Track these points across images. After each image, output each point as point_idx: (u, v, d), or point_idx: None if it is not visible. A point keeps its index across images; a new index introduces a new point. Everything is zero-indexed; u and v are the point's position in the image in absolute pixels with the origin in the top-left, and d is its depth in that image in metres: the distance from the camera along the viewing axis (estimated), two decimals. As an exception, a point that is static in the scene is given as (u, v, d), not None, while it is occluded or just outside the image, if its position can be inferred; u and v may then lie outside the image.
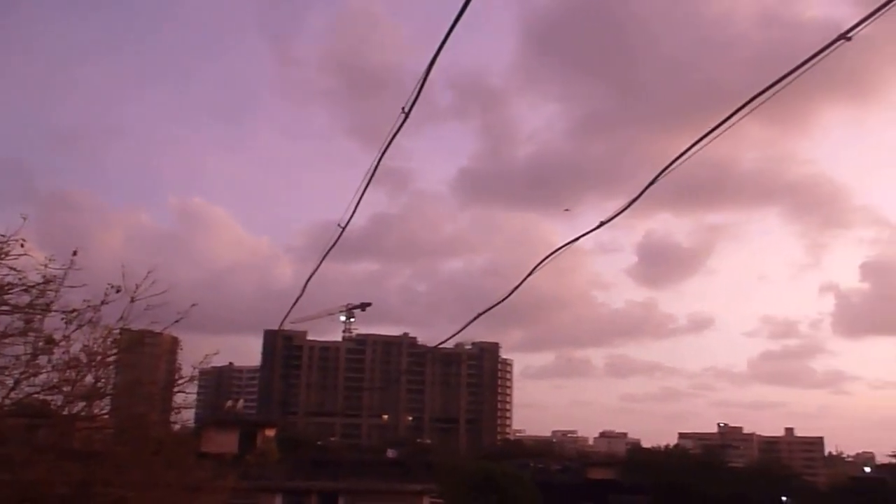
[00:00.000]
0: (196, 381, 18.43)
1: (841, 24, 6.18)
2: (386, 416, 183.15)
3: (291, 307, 14.50)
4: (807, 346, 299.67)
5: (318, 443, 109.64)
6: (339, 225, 9.94)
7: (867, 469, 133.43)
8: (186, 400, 17.01)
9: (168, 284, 13.12)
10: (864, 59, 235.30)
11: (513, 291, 10.62)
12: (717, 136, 7.36)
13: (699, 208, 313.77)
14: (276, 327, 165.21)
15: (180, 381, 16.58)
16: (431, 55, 6.65)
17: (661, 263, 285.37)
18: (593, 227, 9.76)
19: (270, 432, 51.05)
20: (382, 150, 7.81)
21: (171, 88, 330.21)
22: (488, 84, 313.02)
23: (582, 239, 10.14)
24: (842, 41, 6.31)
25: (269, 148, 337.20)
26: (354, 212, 9.45)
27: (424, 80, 6.68)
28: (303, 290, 13.09)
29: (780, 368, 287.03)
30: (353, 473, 45.14)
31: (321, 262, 11.64)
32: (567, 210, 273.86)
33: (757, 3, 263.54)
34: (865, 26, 6.21)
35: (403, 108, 7.02)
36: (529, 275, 9.96)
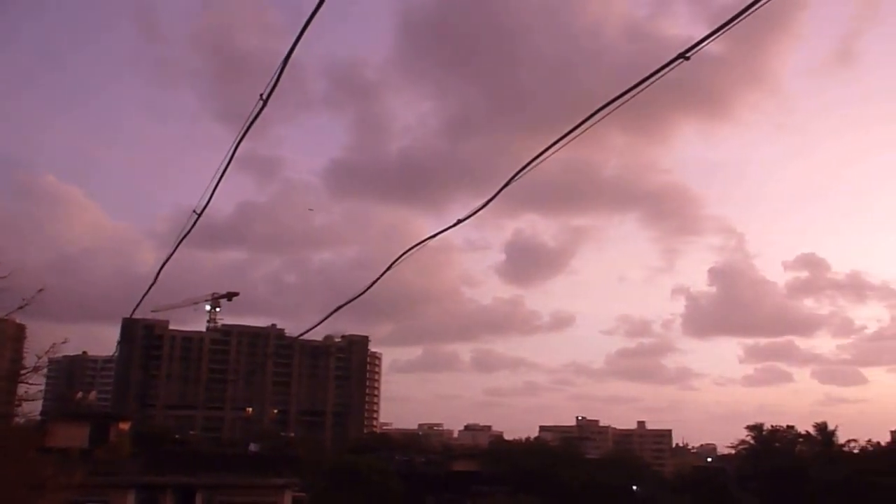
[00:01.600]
0: (43, 371, 17.28)
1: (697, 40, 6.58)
2: (250, 409, 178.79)
3: (144, 294, 13.96)
4: (659, 345, 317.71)
5: (176, 436, 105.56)
6: (194, 211, 9.65)
7: (709, 459, 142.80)
8: (31, 391, 16.01)
9: (11, 267, 12.31)
10: (716, 77, 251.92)
11: (371, 286, 10.68)
12: (565, 144, 7.63)
13: (565, 211, 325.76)
14: (135, 316, 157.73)
15: (25, 371, 15.59)
16: (297, 42, 6.60)
17: (527, 262, 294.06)
18: (451, 224, 9.86)
19: (125, 426, 48.75)
20: (239, 136, 7.66)
21: (26, 61, 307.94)
22: (364, 77, 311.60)
23: (453, 236, 10.39)
24: (681, 60, 6.60)
25: (133, 129, 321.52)
26: (211, 198, 9.22)
27: (283, 67, 6.61)
28: (156, 278, 12.63)
29: (635, 365, 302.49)
30: (211, 468, 43.74)
31: (175, 249, 11.27)
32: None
33: (625, 17, 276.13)
34: (702, 47, 6.56)
35: (262, 95, 6.91)
36: (387, 270, 10.05)
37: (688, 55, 6.59)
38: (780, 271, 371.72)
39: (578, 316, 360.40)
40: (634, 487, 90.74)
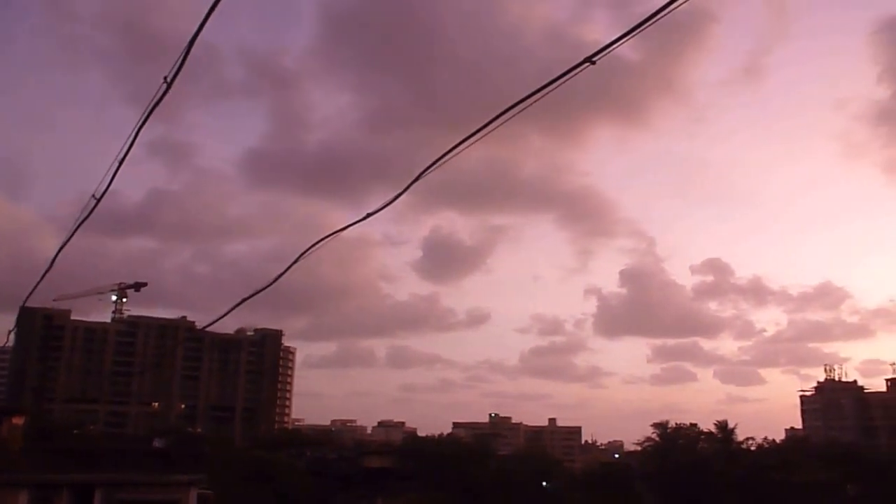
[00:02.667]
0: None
1: (619, 48, 6.60)
2: (157, 404, 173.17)
3: (39, 281, 13.16)
4: (571, 343, 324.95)
5: (75, 431, 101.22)
6: (93, 196, 9.10)
7: (617, 456, 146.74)
8: None
9: None
10: (633, 85, 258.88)
11: (278, 278, 10.41)
12: (472, 143, 7.74)
13: (483, 209, 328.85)
14: (34, 305, 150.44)
15: None
16: (203, 25, 6.22)
17: (445, 259, 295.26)
18: (360, 217, 9.88)
19: (18, 420, 46.27)
20: (141, 120, 7.21)
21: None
22: (283, 66, 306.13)
23: (371, 231, 10.23)
24: (587, 64, 6.75)
25: (36, 110, 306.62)
26: (110, 184, 8.69)
27: (188, 50, 6.22)
28: (51, 264, 11.92)
29: (548, 363, 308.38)
30: (112, 464, 41.97)
31: (72, 235, 10.62)
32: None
33: (546, 21, 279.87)
34: (608, 52, 6.69)
35: (166, 78, 6.50)
36: (294, 262, 9.83)
37: (594, 59, 6.74)
38: (687, 275, 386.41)
39: (494, 314, 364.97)
40: (544, 483, 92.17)
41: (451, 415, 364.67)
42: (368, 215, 9.74)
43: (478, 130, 7.57)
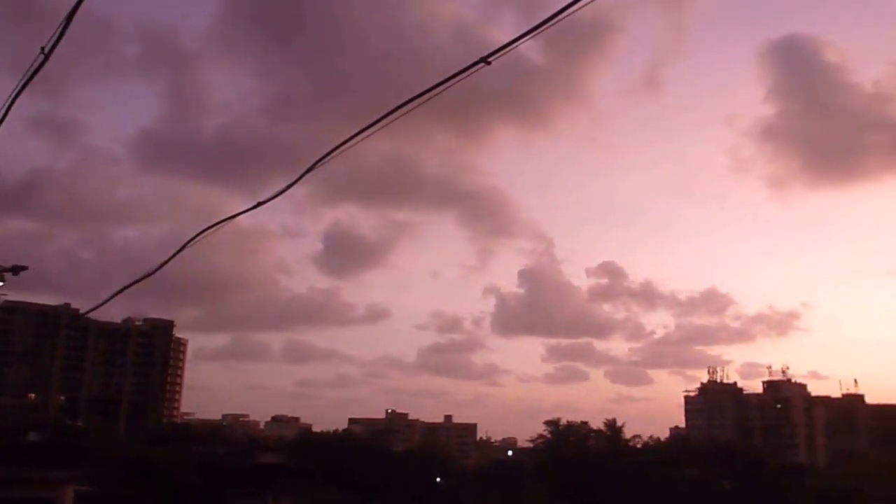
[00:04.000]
0: None
1: (524, 51, 6.61)
2: (33, 395, 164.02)
3: None
4: (469, 341, 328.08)
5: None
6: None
7: (510, 453, 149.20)
8: None
9: None
10: (536, 88, 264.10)
11: (163, 265, 9.95)
12: (366, 136, 7.86)
13: (385, 204, 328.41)
14: None
15: None
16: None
17: (345, 253, 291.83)
18: (250, 206, 9.67)
19: None
20: (15, 91, 6.64)
21: None
22: (182, 45, 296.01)
23: (269, 221, 9.94)
24: (482, 64, 6.83)
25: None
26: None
27: (68, 20, 5.73)
28: None
29: (445, 360, 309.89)
30: (-20, 460, 39.32)
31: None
32: None
33: (455, 19, 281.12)
34: (504, 53, 6.81)
35: (43, 49, 5.98)
36: (181, 250, 9.42)
37: (489, 60, 6.83)
38: (583, 277, 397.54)
39: (393, 310, 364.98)
40: (438, 480, 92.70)
41: (348, 411, 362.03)
42: (259, 204, 9.59)
43: (373, 124, 7.62)
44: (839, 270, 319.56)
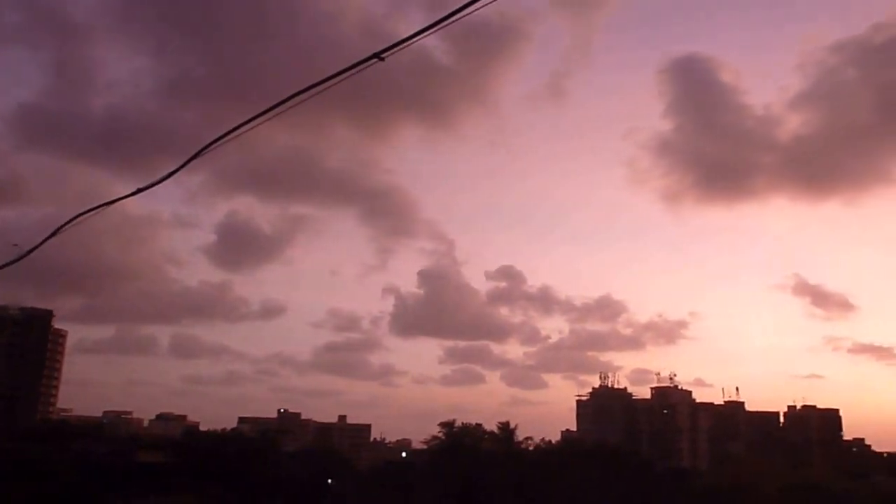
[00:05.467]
0: None
1: (432, 52, 5.96)
2: None
3: None
4: (366, 341, 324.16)
5: None
6: None
7: (404, 454, 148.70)
8: None
9: None
10: (443, 89, 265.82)
11: (31, 251, 9.13)
12: (254, 126, 7.91)
13: (284, 198, 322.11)
14: None
15: None
16: None
17: (240, 246, 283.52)
18: (130, 192, 9.50)
19: None
20: None
21: None
22: (71, 16, 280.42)
23: (160, 210, 9.15)
24: (375, 60, 6.98)
25: None
26: None
27: None
28: None
29: (341, 359, 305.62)
30: None
31: None
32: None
33: (364, 13, 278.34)
34: (398, 50, 6.96)
35: None
36: (51, 236, 8.74)
37: (383, 56, 6.96)
38: (482, 280, 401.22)
39: (289, 306, 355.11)
40: (329, 481, 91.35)
41: (238, 409, 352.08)
42: (139, 190, 9.40)
43: (262, 114, 7.65)
44: (725, 283, 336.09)
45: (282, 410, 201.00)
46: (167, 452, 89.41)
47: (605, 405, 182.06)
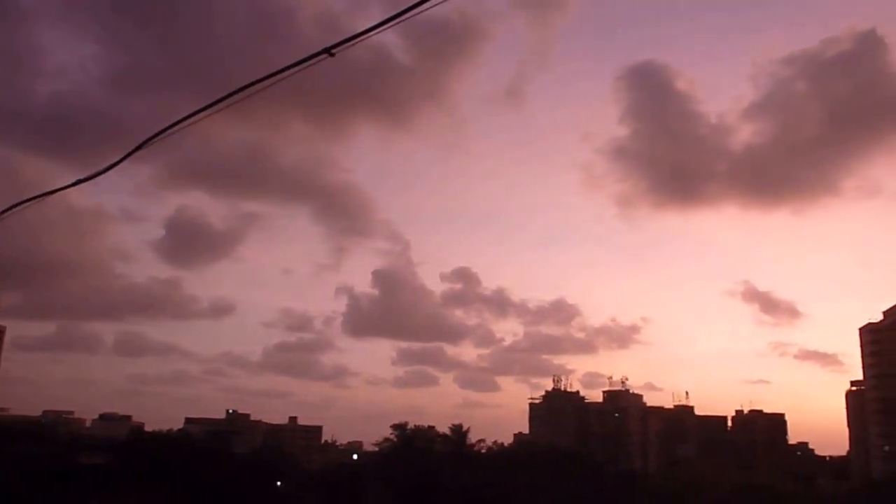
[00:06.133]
0: None
1: (391, 50, 5.28)
2: None
3: None
4: (318, 341, 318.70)
5: None
6: None
7: (355, 456, 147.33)
8: None
9: None
10: (402, 87, 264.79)
11: None
12: (202, 118, 7.91)
13: (237, 194, 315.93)
14: None
15: None
16: None
17: (190, 242, 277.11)
18: (68, 183, 9.58)
19: None
20: None
21: None
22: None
23: (107, 203, 8.57)
24: (325, 55, 7.07)
25: None
26: None
27: None
28: None
29: (293, 360, 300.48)
30: None
31: None
32: None
33: (322, 8, 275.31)
34: (349, 46, 7.04)
35: None
36: None
37: (333, 51, 7.06)
38: (437, 281, 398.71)
39: (239, 305, 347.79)
40: (279, 483, 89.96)
41: (185, 410, 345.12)
42: (80, 181, 9.42)
43: (210, 105, 7.66)
44: (678, 289, 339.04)
45: (231, 411, 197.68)
46: (110, 454, 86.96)
47: (557, 408, 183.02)
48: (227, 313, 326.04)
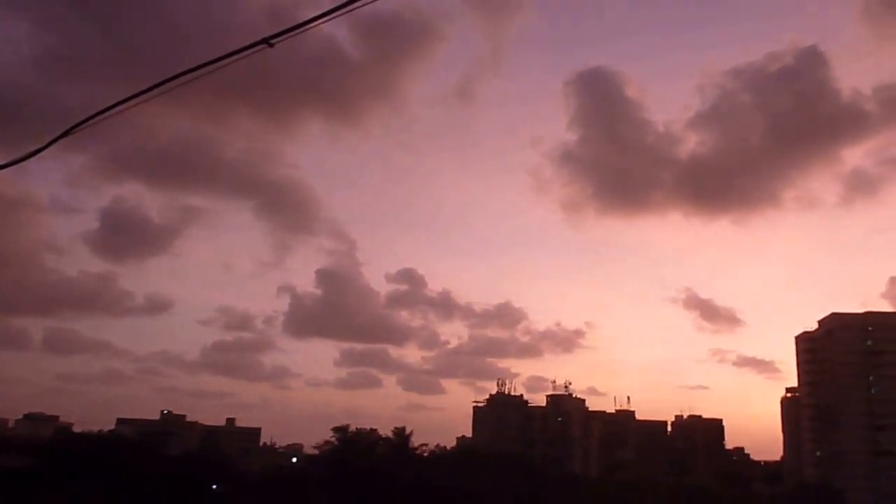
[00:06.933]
0: None
1: (342, 45, 3.96)
2: None
3: None
4: (258, 341, 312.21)
5: None
6: None
7: (295, 459, 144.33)
8: None
9: None
10: (353, 84, 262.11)
11: None
12: (133, 105, 7.79)
13: (176, 186, 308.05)
14: None
15: None
16: None
17: (125, 236, 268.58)
18: None
19: None
20: None
21: None
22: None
23: (37, 192, 7.32)
24: (264, 45, 7.03)
25: None
26: None
27: None
28: None
29: (231, 359, 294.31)
30: None
31: None
32: None
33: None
34: (288, 37, 7.03)
35: None
36: None
37: (272, 42, 7.01)
38: (383, 282, 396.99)
39: (177, 302, 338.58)
40: (214, 486, 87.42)
41: (117, 410, 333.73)
42: (0, 167, 9.38)
43: (142, 92, 7.54)
44: (622, 295, 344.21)
45: (165, 412, 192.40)
46: (35, 455, 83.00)
47: (501, 412, 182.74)
48: (163, 310, 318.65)
